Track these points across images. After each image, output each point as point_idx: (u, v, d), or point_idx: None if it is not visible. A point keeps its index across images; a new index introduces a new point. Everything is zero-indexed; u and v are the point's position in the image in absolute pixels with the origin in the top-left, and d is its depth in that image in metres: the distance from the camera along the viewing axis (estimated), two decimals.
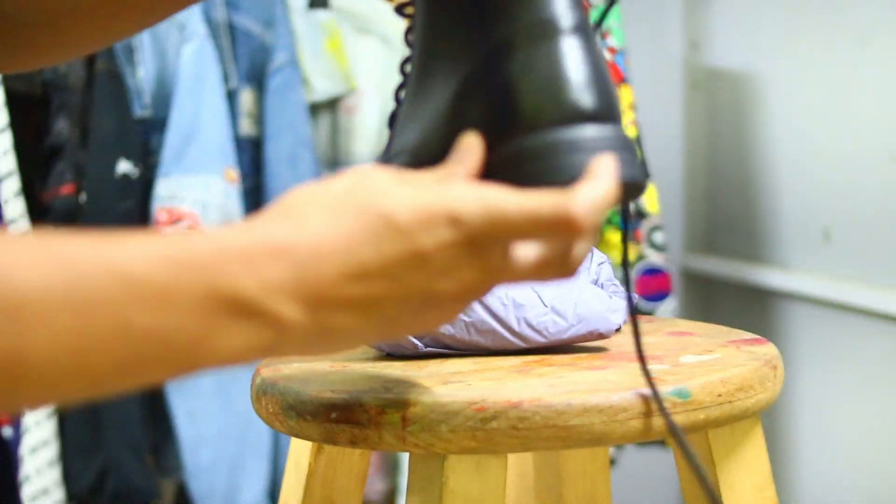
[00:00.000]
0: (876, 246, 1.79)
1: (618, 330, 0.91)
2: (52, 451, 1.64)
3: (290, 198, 0.60)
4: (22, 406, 0.54)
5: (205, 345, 0.55)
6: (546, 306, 0.89)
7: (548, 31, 0.62)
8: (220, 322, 0.55)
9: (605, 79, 0.63)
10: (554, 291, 0.90)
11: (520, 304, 0.88)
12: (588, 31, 0.63)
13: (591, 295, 0.90)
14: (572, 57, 0.62)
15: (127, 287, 0.53)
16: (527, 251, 0.61)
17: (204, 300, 0.55)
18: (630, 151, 0.63)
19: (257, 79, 1.84)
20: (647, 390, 0.78)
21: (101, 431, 1.68)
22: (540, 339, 0.89)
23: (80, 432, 1.68)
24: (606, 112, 0.62)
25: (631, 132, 1.90)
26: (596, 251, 0.97)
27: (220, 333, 0.56)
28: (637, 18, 2.12)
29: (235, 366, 0.58)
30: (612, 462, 1.94)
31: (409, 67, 0.74)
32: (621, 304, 0.90)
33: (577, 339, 0.90)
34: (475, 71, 0.65)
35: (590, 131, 0.62)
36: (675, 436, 0.77)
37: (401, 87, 0.77)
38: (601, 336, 0.91)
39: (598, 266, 0.95)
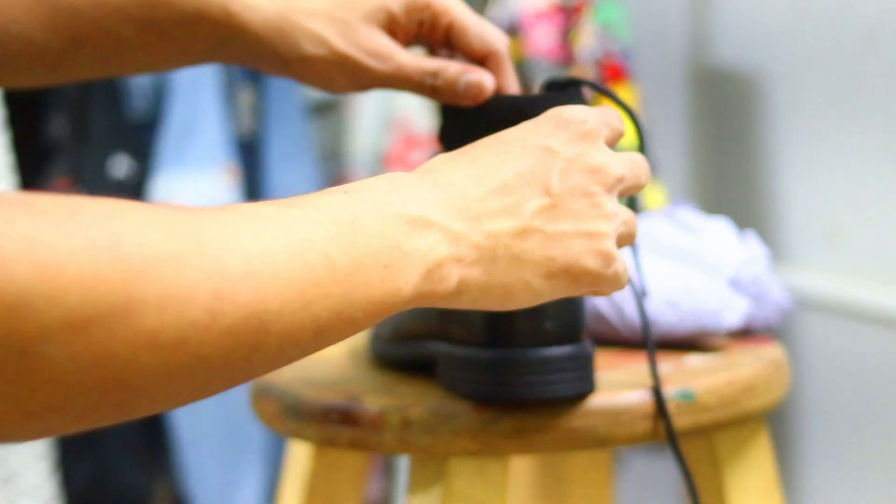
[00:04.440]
0: (881, 244, 1.78)
1: (731, 330, 0.88)
2: (48, 451, 1.63)
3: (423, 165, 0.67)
4: (257, 371, 0.57)
5: (398, 264, 0.60)
6: (664, 298, 0.87)
7: None
8: (405, 234, 0.60)
9: (572, 305, 0.75)
10: (676, 284, 0.88)
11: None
12: None
13: (711, 291, 0.88)
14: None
15: (325, 232, 0.57)
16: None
17: (383, 225, 0.60)
18: (585, 367, 0.75)
19: (256, 76, 1.83)
20: (649, 392, 0.77)
21: (98, 433, 1.67)
22: (652, 332, 0.86)
23: (76, 433, 1.67)
24: (570, 335, 0.74)
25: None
26: (750, 245, 0.93)
27: (408, 244, 0.60)
28: (642, 17, 2.11)
29: (437, 289, 0.62)
30: (618, 465, 1.93)
31: None
32: (741, 305, 0.88)
33: (687, 334, 0.88)
34: None
35: (554, 351, 0.74)
36: (671, 444, 0.76)
37: None
38: (710, 334, 0.88)
39: (742, 263, 0.92)
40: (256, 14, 0.76)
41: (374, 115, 1.94)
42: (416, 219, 0.61)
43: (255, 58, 0.78)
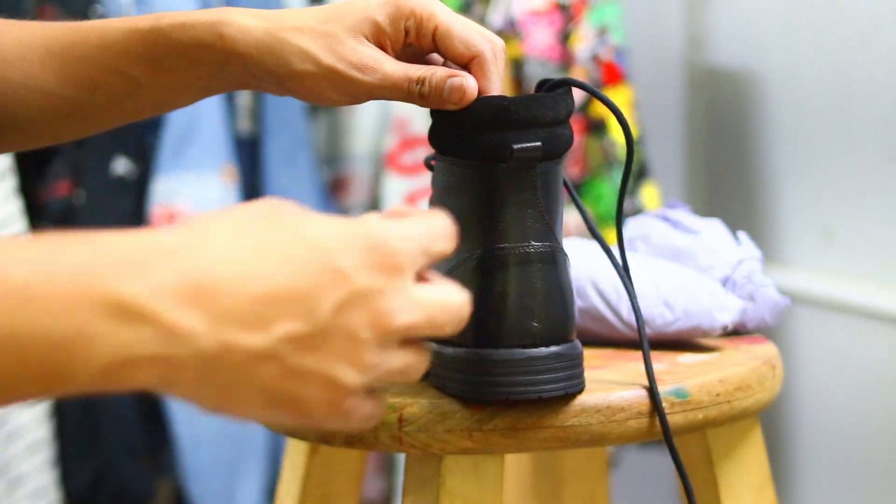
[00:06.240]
0: (875, 245, 1.79)
1: (725, 330, 0.88)
2: (49, 451, 1.63)
3: (194, 216, 0.57)
4: None
5: (79, 350, 0.51)
6: (658, 298, 0.87)
7: (520, 259, 0.74)
8: (98, 323, 0.51)
9: (560, 305, 0.74)
10: (671, 283, 0.88)
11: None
12: (556, 259, 0.74)
13: (706, 291, 0.88)
14: (535, 287, 0.74)
15: None
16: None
17: (77, 300, 0.51)
18: (573, 367, 0.75)
19: None
20: (644, 391, 0.78)
21: (99, 432, 1.68)
22: (646, 331, 0.86)
23: (77, 433, 1.68)
24: (558, 335, 0.74)
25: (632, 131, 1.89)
26: (744, 245, 0.94)
27: (97, 335, 0.51)
28: (638, 16, 2.11)
29: (121, 383, 0.53)
30: (613, 462, 1.93)
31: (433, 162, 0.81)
32: (735, 304, 0.88)
33: (681, 333, 0.88)
34: (459, 265, 0.75)
35: (541, 351, 0.74)
36: (666, 441, 0.77)
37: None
38: (705, 333, 0.88)
39: (736, 262, 0.92)
40: (248, 35, 0.77)
41: (373, 115, 1.94)
42: (126, 307, 0.51)
43: (254, 79, 0.80)
